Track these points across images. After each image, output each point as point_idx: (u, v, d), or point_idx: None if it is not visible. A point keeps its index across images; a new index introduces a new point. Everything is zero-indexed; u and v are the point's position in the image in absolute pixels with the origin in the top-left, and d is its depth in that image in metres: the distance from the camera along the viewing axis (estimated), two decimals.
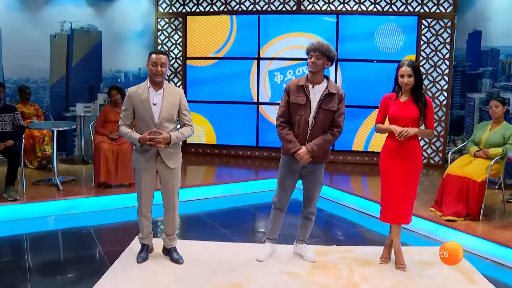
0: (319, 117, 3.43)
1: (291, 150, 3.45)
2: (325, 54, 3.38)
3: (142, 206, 3.55)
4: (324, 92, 3.42)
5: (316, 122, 3.43)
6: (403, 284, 3.36)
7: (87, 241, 4.15)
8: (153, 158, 3.43)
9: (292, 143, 3.45)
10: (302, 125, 3.44)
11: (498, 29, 5.97)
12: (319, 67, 3.40)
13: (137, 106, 3.39)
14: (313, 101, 3.43)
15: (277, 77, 7.16)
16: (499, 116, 4.60)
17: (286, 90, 3.53)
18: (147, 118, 3.38)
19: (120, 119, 3.47)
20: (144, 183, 3.49)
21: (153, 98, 3.38)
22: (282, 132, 3.51)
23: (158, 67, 3.33)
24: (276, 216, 3.74)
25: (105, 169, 5.15)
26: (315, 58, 3.38)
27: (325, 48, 3.38)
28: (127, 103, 3.43)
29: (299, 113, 3.45)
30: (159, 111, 3.38)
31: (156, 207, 3.65)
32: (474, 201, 4.36)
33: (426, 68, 6.70)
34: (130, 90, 3.45)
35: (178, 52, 7.35)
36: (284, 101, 3.53)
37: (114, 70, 7.17)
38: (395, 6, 6.68)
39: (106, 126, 5.46)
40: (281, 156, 3.66)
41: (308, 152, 3.42)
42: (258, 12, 7.08)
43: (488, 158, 4.51)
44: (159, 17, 7.33)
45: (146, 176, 3.48)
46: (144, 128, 3.39)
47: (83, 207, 4.88)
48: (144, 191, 3.51)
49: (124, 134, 3.43)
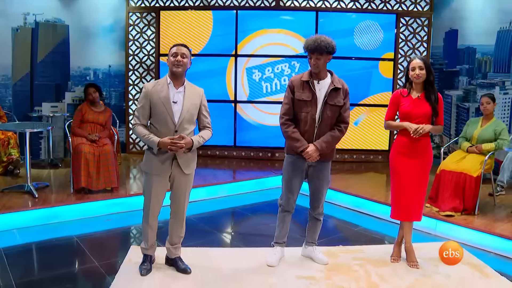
0: (326, 113, 3.30)
1: (299, 149, 3.31)
2: (325, 52, 3.24)
3: (150, 214, 3.25)
4: (329, 88, 3.30)
5: (323, 119, 3.31)
6: (422, 282, 3.32)
7: (78, 253, 3.79)
8: (169, 161, 3.15)
9: (299, 142, 3.31)
10: (309, 122, 3.31)
11: (474, 28, 6.15)
12: (322, 66, 3.28)
13: (156, 104, 3.09)
14: (319, 97, 3.31)
15: (255, 75, 6.99)
16: (490, 112, 4.71)
17: (290, 87, 3.37)
18: (166, 118, 3.09)
19: (135, 118, 3.15)
20: (155, 188, 3.19)
21: (174, 96, 3.10)
22: (288, 131, 3.35)
23: (179, 56, 3.07)
24: (284, 219, 3.58)
25: (85, 174, 4.75)
26: (315, 59, 3.25)
27: (323, 46, 3.22)
28: (144, 100, 3.11)
29: (305, 110, 3.31)
30: (180, 110, 3.10)
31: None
32: (471, 196, 4.43)
33: (404, 66, 6.79)
34: (147, 86, 3.13)
35: (151, 48, 6.99)
36: (288, 98, 3.36)
37: (82, 67, 6.69)
38: (374, 4, 6.72)
39: (83, 127, 5.06)
40: (285, 156, 3.51)
41: (317, 150, 3.29)
42: (235, 8, 6.87)
43: (481, 154, 4.60)
44: (130, 11, 6.93)
45: (158, 181, 3.18)
46: (162, 128, 3.10)
47: (64, 216, 4.48)
48: (154, 198, 3.21)
49: (140, 136, 3.12)
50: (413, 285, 3.27)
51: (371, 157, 7.04)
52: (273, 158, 7.07)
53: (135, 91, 7.09)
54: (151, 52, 7.00)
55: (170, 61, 3.10)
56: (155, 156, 3.13)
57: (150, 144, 3.12)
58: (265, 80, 6.99)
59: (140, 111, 3.13)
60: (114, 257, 3.75)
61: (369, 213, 4.99)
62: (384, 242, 4.28)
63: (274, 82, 6.99)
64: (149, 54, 7.00)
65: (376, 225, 4.75)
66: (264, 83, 6.99)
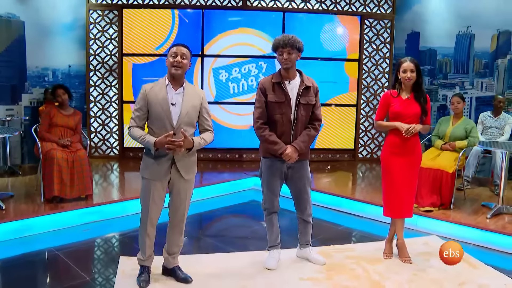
0: (300, 112, 3.31)
1: (278, 151, 3.29)
2: (296, 47, 3.25)
3: (149, 223, 3.07)
4: (301, 87, 3.32)
5: (298, 118, 3.32)
6: (419, 276, 3.43)
7: (64, 268, 3.52)
8: (167, 165, 2.99)
9: (277, 144, 3.29)
10: (285, 123, 3.31)
11: (435, 31, 6.48)
12: (293, 62, 3.28)
13: (153, 106, 2.94)
14: (292, 97, 3.31)
15: (222, 75, 6.91)
16: (460, 111, 4.97)
17: (261, 90, 3.33)
18: (164, 120, 2.95)
19: (132, 120, 2.99)
20: (154, 194, 3.02)
21: (172, 98, 2.97)
22: (264, 134, 3.32)
23: (178, 57, 2.93)
24: (272, 221, 3.56)
25: (58, 181, 4.44)
26: (287, 53, 3.23)
27: (294, 41, 3.23)
28: (142, 102, 2.96)
29: (279, 112, 3.30)
30: (179, 113, 2.97)
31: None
32: (447, 191, 4.65)
33: (369, 66, 7.01)
34: (145, 87, 2.99)
35: (114, 48, 6.69)
36: (261, 101, 3.33)
37: (40, 67, 6.27)
38: (339, 5, 6.87)
39: (52, 131, 4.73)
40: (261, 159, 3.48)
41: (296, 150, 3.30)
42: (202, 7, 6.75)
43: (455, 151, 4.85)
44: (91, 8, 6.58)
45: (157, 187, 3.02)
46: (159, 131, 2.94)
47: (38, 228, 4.15)
48: (153, 205, 3.04)
49: (136, 138, 2.96)
50: (412, 280, 3.37)
51: (338, 156, 7.19)
52: (241, 159, 7.03)
53: (97, 92, 6.75)
54: (113, 51, 6.69)
55: (169, 61, 2.97)
56: (153, 160, 2.98)
57: (146, 146, 2.96)
58: (232, 80, 6.92)
59: (137, 113, 2.98)
60: (104, 270, 3.55)
61: (349, 211, 5.07)
62: (369, 240, 4.38)
63: (241, 83, 6.95)
64: (111, 54, 6.70)
65: (358, 223, 4.84)
66: (231, 83, 6.92)
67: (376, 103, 7.08)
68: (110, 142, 6.88)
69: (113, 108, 6.81)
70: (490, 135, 5.47)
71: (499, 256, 3.99)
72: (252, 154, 7.02)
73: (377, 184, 5.76)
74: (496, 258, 3.91)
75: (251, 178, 6.10)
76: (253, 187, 6.05)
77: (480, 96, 6.14)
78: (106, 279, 3.34)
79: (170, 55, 2.97)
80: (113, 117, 6.83)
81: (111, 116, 6.83)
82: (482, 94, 6.13)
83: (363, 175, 6.60)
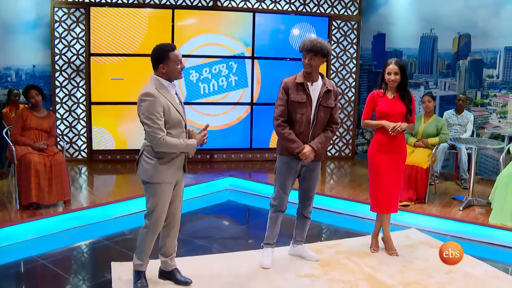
0: (319, 114, 3.42)
1: (296, 150, 3.38)
2: (319, 53, 3.34)
3: (159, 227, 3.05)
4: (322, 89, 3.43)
5: (317, 120, 3.43)
6: (409, 267, 3.60)
7: (54, 278, 3.38)
8: (181, 166, 3.03)
9: (296, 143, 3.38)
10: (304, 123, 3.40)
11: (400, 32, 6.77)
12: (315, 67, 3.38)
13: (168, 108, 2.88)
14: (313, 99, 3.41)
15: (192, 75, 6.85)
16: (431, 109, 5.25)
17: (284, 89, 3.42)
18: (180, 120, 2.95)
19: (156, 131, 2.81)
20: (167, 198, 3.00)
21: (175, 98, 2.98)
22: (284, 132, 3.41)
23: (183, 63, 2.97)
24: (277, 219, 3.62)
25: (36, 187, 4.24)
26: (309, 59, 3.34)
27: (318, 47, 3.32)
28: (159, 108, 2.83)
29: (300, 112, 3.39)
30: (183, 110, 3.02)
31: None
32: (422, 186, 4.89)
33: (336, 67, 7.21)
34: (154, 93, 2.84)
35: (80, 47, 6.45)
36: (283, 100, 3.42)
37: (2, 67, 5.92)
38: (308, 7, 7.01)
39: (26, 134, 4.50)
40: (278, 157, 3.56)
41: (313, 150, 3.40)
42: (172, 7, 6.65)
43: (427, 147, 5.11)
44: (56, 6, 6.30)
45: (169, 190, 3.00)
46: (176, 131, 2.92)
47: (16, 237, 3.95)
48: (165, 208, 3.02)
49: (175, 146, 2.85)
50: (403, 271, 3.53)
51: None
52: (212, 160, 7.01)
53: (63, 93, 6.48)
54: (80, 51, 6.45)
55: (177, 69, 2.93)
56: (169, 163, 2.93)
57: (188, 150, 2.93)
58: (203, 81, 6.88)
59: (159, 122, 2.83)
60: (96, 276, 3.44)
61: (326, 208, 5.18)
62: (350, 235, 4.49)
63: (211, 83, 6.93)
64: (78, 54, 6.45)
65: (337, 220, 4.97)
66: (202, 84, 6.89)
67: (344, 102, 7.30)
68: (78, 145, 6.63)
69: (80, 109, 6.57)
70: (454, 132, 5.79)
71: (474, 245, 4.25)
72: (223, 155, 7.02)
73: (345, 181, 5.97)
74: (472, 247, 4.16)
75: (227, 178, 6.11)
76: (229, 187, 6.06)
77: (443, 95, 6.48)
78: (102, 285, 3.24)
79: (176, 62, 2.92)
80: (80, 119, 6.59)
81: (78, 118, 6.58)
82: (445, 93, 6.48)
83: (331, 173, 6.75)
